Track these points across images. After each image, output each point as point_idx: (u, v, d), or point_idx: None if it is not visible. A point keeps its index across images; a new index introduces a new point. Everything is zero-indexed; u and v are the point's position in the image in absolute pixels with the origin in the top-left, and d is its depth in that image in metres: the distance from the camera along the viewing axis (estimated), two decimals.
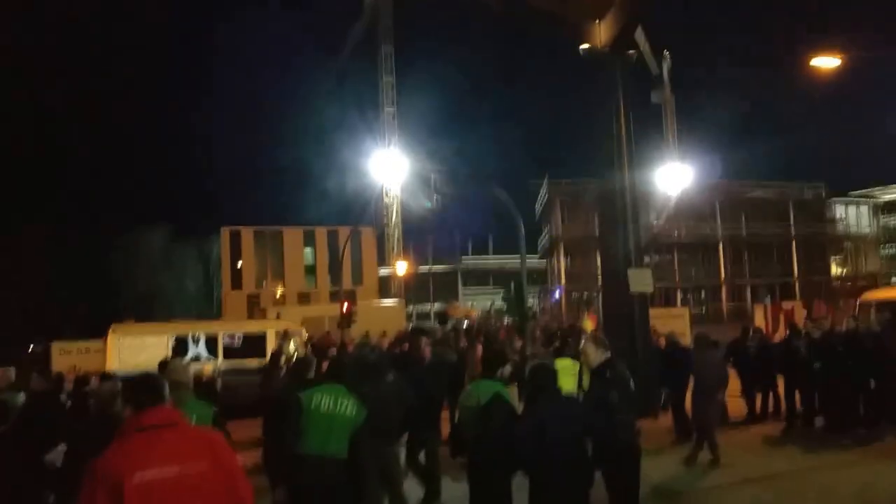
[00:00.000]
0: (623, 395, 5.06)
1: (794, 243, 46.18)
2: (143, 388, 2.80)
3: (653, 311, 14.04)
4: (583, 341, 6.04)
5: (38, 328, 36.87)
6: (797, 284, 45.30)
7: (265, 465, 6.02)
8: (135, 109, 73.31)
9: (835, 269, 48.77)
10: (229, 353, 16.43)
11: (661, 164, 42.09)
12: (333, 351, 17.05)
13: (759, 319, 19.10)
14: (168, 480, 2.54)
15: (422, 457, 7.41)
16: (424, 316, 46.47)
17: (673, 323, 19.47)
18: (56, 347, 19.48)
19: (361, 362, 6.24)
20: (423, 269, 46.40)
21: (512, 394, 5.56)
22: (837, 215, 48.57)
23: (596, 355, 5.30)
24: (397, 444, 5.94)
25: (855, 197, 49.24)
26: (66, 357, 18.52)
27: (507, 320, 33.11)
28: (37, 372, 7.49)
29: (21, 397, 7.25)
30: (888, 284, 39.86)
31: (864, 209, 49.71)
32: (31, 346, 25.16)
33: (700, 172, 42.09)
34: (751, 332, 12.58)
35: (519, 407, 5.65)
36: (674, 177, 41.58)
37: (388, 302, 37.96)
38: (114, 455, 2.57)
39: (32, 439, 2.78)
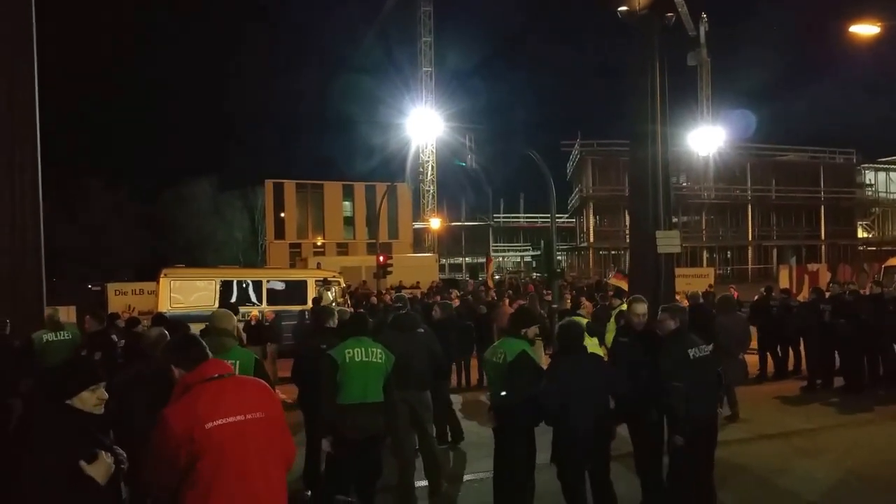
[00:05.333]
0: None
1: (822, 207, 44.79)
2: (189, 348, 2.81)
3: (678, 271, 13.76)
4: (624, 301, 5.88)
5: (96, 270, 38.25)
6: (823, 247, 44.10)
7: (304, 409, 6.03)
8: (186, 66, 73.57)
9: (861, 234, 47.25)
10: (273, 298, 16.76)
11: (695, 125, 40.88)
12: (374, 299, 17.31)
13: (784, 280, 18.63)
14: (233, 427, 2.57)
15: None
16: (456, 268, 46.65)
17: (698, 283, 19.22)
18: (111, 288, 20.04)
19: (396, 316, 6.27)
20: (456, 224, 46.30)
21: (538, 352, 5.49)
22: (867, 181, 46.78)
23: (645, 316, 5.17)
24: (427, 391, 6.01)
25: (885, 164, 47.20)
26: (122, 298, 19.06)
27: (535, 276, 33.01)
28: (90, 314, 7.66)
29: (45, 336, 7.38)
30: None
31: (893, 175, 47.71)
32: (90, 286, 25.96)
33: (732, 134, 40.88)
34: (774, 293, 12.32)
35: (544, 362, 5.61)
36: (706, 139, 40.39)
37: (422, 255, 38.15)
38: (185, 405, 2.59)
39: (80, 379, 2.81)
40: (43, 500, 2.48)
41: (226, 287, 16.56)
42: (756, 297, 12.64)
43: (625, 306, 6.44)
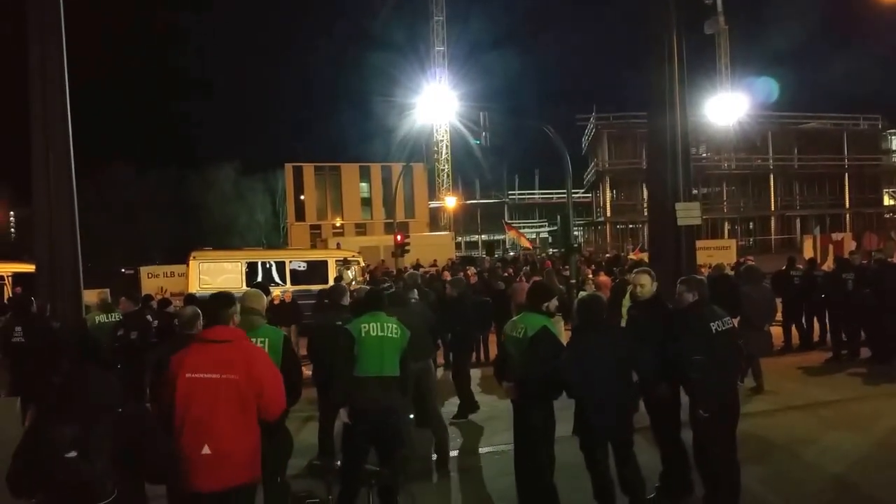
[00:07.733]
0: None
1: (846, 175, 43.69)
2: (207, 314, 3.77)
3: (699, 243, 13.60)
4: (633, 273, 5.82)
5: (129, 254, 38.98)
6: (848, 216, 43.14)
7: (317, 385, 6.13)
8: (205, 59, 73.73)
9: (888, 201, 46.10)
10: (296, 278, 16.98)
11: (714, 94, 39.95)
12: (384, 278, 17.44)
13: (808, 250, 18.29)
14: (209, 381, 3.26)
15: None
16: (473, 245, 46.67)
17: (720, 255, 18.95)
18: (144, 271, 20.43)
19: (390, 293, 6.38)
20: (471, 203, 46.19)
21: (558, 326, 5.48)
22: (893, 147, 45.48)
23: (651, 287, 5.11)
24: (430, 359, 6.15)
25: None
26: (154, 280, 19.41)
27: (551, 252, 32.83)
28: (125, 296, 7.90)
29: (98, 318, 7.69)
30: None
31: None
32: (123, 270, 26.41)
33: (753, 103, 39.89)
34: (797, 263, 12.07)
35: (564, 337, 5.59)
36: (726, 108, 39.48)
37: (439, 233, 38.18)
38: (178, 356, 3.38)
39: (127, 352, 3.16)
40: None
41: (251, 268, 16.84)
42: (785, 267, 12.41)
43: None
